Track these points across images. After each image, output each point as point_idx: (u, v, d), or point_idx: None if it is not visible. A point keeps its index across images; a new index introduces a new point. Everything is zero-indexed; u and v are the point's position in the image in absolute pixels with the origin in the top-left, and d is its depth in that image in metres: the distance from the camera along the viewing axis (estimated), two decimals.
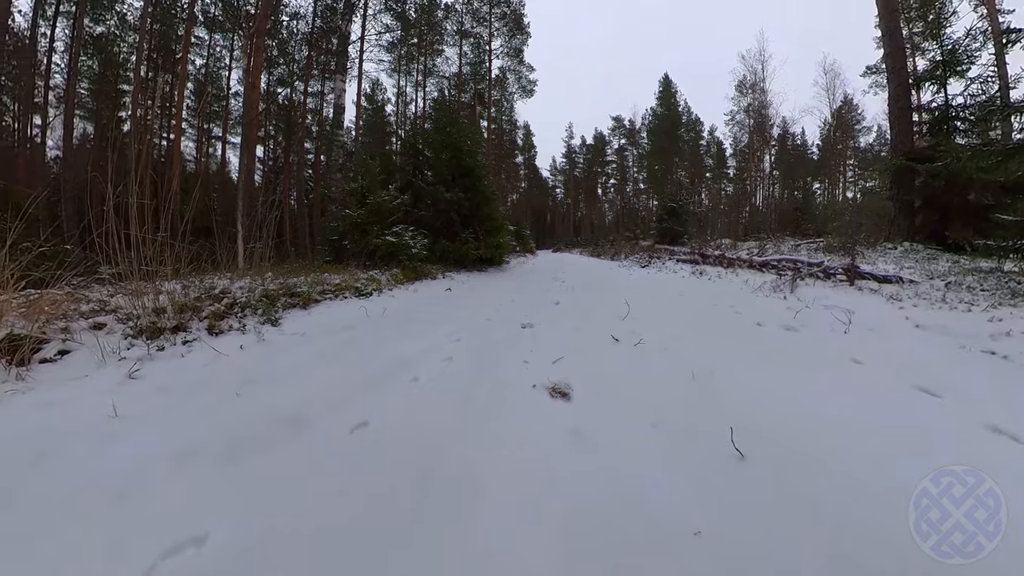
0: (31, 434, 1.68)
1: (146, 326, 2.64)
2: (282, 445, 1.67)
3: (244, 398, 2.08)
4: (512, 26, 21.85)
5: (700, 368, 2.45)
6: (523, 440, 1.72)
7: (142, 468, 1.49)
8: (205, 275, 3.89)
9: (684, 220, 20.01)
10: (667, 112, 37.43)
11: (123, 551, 1.12)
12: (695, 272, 8.92)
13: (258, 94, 12.03)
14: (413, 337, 3.35)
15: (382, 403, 2.06)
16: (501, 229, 10.82)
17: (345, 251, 7.44)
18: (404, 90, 22.48)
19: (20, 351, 2.09)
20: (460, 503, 1.34)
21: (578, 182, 50.42)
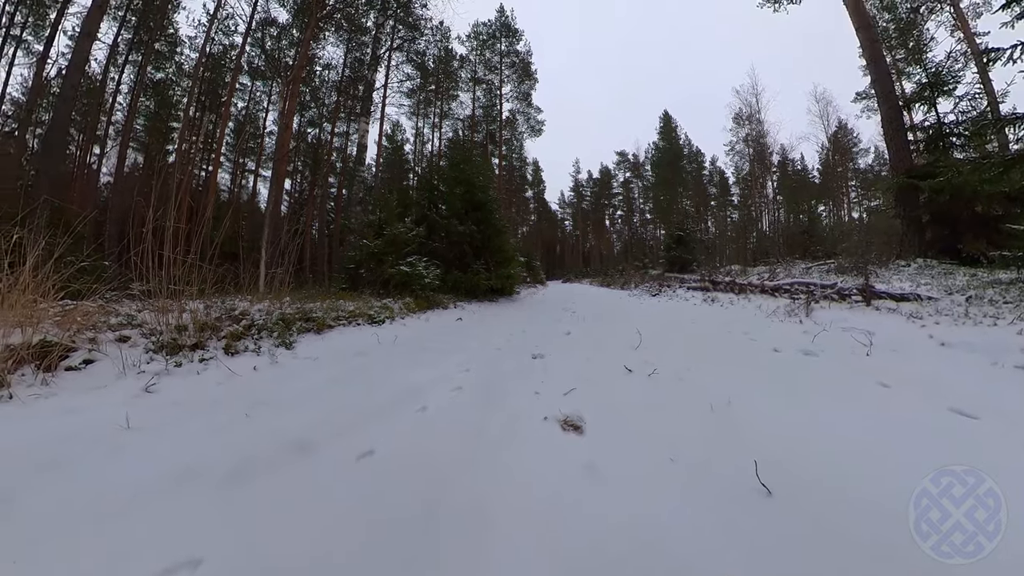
0: (46, 440, 1.69)
1: (167, 342, 2.70)
2: (287, 469, 1.62)
3: (253, 419, 2.07)
4: (521, 73, 23.15)
5: (717, 398, 2.34)
6: (534, 475, 1.63)
7: (146, 483, 1.47)
8: (227, 297, 4.00)
9: (692, 248, 19.83)
10: (668, 145, 38.48)
11: (120, 566, 1.09)
12: (706, 299, 8.68)
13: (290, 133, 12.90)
14: (423, 366, 3.30)
15: (390, 432, 2.00)
16: (512, 260, 10.93)
17: (361, 279, 7.56)
18: (422, 131, 23.70)
19: (49, 357, 2.14)
20: (467, 542, 1.25)
21: (586, 214, 51.31)
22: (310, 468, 1.64)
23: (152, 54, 15.22)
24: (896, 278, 7.14)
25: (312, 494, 1.47)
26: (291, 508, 1.38)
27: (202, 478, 1.52)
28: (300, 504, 1.41)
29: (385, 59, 17.55)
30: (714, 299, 8.49)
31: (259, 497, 1.44)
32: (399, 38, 17.62)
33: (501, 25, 22.75)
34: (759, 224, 31.47)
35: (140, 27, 14.83)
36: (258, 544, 1.21)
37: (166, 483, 1.48)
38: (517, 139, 25.55)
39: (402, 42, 17.86)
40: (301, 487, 1.51)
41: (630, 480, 1.58)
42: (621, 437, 1.96)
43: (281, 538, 1.23)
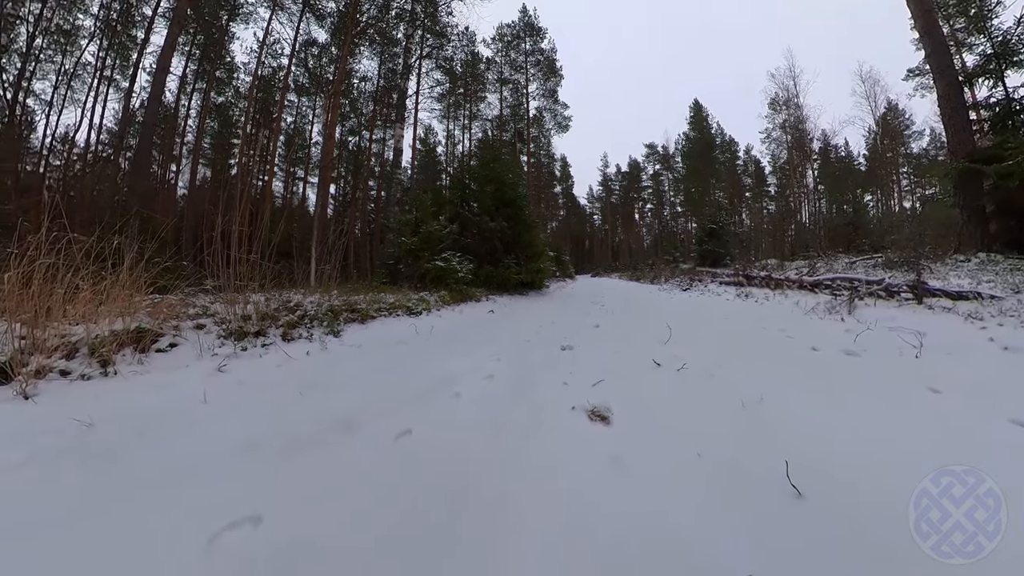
0: (142, 410, 1.94)
1: (235, 329, 2.97)
2: (334, 444, 1.73)
3: (306, 399, 2.22)
4: (546, 70, 22.81)
5: (749, 395, 2.19)
6: (560, 464, 1.62)
7: (218, 450, 1.64)
8: (284, 290, 4.31)
9: (725, 241, 18.59)
10: (700, 135, 35.86)
11: (196, 517, 1.24)
12: (740, 294, 8.19)
13: (333, 143, 13.60)
14: (457, 355, 3.34)
15: (425, 415, 2.06)
16: (541, 255, 10.90)
17: (400, 274, 7.85)
18: (452, 133, 24.05)
19: (143, 341, 2.43)
20: (492, 524, 1.27)
21: (615, 208, 49.88)
22: (354, 444, 1.74)
23: (214, 81, 16.62)
24: (953, 274, 6.43)
25: (355, 467, 1.57)
26: (337, 478, 1.49)
27: (263, 448, 1.66)
28: (345, 475, 1.51)
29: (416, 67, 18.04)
30: (748, 294, 7.98)
31: (310, 467, 1.56)
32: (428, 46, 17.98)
33: (525, 25, 22.50)
34: (798, 216, 28.68)
35: (203, 59, 16.17)
36: (308, 507, 1.32)
37: (234, 451, 1.64)
38: (545, 136, 25.24)
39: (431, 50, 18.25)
40: (346, 460, 1.61)
41: (656, 474, 1.53)
42: (648, 430, 1.89)
43: (328, 504, 1.34)
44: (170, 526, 1.21)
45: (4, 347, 2.07)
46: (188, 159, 17.50)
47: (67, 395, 2.01)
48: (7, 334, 2.14)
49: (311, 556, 1.12)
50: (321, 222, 10.52)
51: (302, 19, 15.33)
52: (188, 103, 16.98)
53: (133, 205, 6.99)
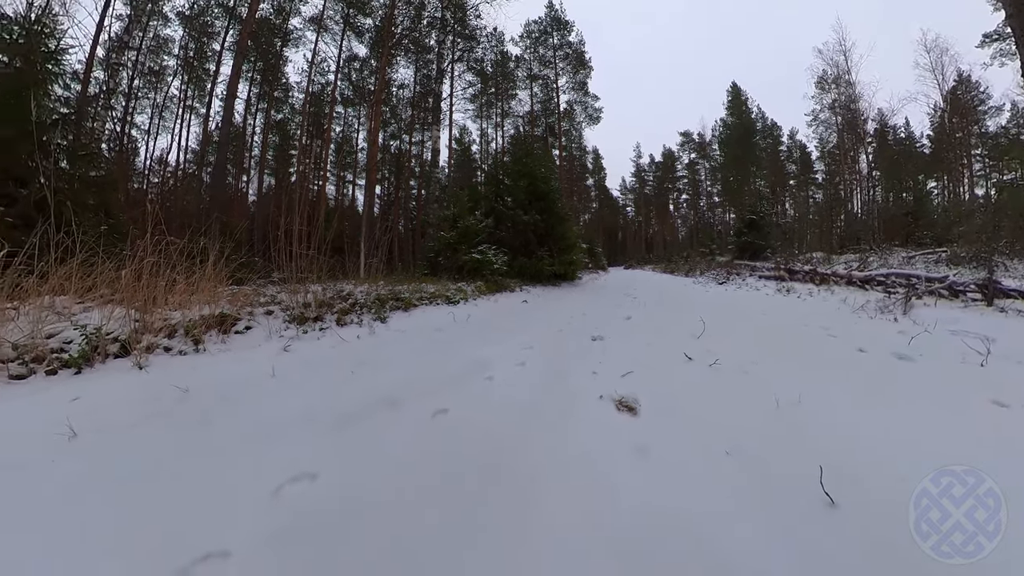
0: (225, 381, 2.20)
1: (297, 315, 3.26)
2: (380, 417, 1.87)
3: (357, 377, 2.40)
4: (575, 63, 22.11)
5: (785, 395, 2.03)
6: (585, 449, 1.61)
7: (283, 417, 1.83)
8: (337, 281, 4.63)
9: (766, 233, 17.14)
10: (738, 121, 32.67)
11: (264, 470, 1.42)
12: (781, 289, 7.50)
13: (376, 148, 14.30)
14: (491, 342, 3.38)
15: (461, 396, 2.12)
16: (574, 247, 10.78)
17: (439, 266, 8.10)
18: (486, 131, 24.07)
19: (224, 324, 2.76)
20: (517, 502, 1.30)
21: (648, 199, 47.65)
22: (397, 418, 1.86)
23: (273, 101, 18.06)
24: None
25: (398, 438, 1.69)
26: (382, 447, 1.62)
27: (320, 417, 1.84)
28: (388, 445, 1.63)
29: (449, 71, 18.47)
30: (790, 289, 7.29)
31: (359, 436, 1.70)
32: (459, 50, 18.36)
33: (552, 20, 21.87)
34: (849, 205, 25.32)
35: (263, 82, 17.61)
36: (356, 470, 1.46)
37: (296, 419, 1.82)
38: (576, 129, 24.62)
39: (462, 53, 18.60)
40: (390, 432, 1.74)
41: (680, 468, 1.47)
42: (675, 423, 1.82)
43: (374, 467, 1.48)
44: (244, 476, 1.40)
45: (123, 328, 2.43)
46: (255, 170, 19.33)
47: (169, 366, 2.32)
48: (125, 318, 2.50)
49: (357, 510, 1.25)
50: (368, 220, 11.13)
51: (344, 37, 16.31)
52: (253, 122, 18.61)
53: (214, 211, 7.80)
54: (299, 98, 18.47)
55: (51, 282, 2.52)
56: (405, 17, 15.16)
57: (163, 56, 15.76)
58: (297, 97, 18.70)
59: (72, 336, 2.25)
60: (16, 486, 1.33)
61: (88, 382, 2.05)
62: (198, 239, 3.25)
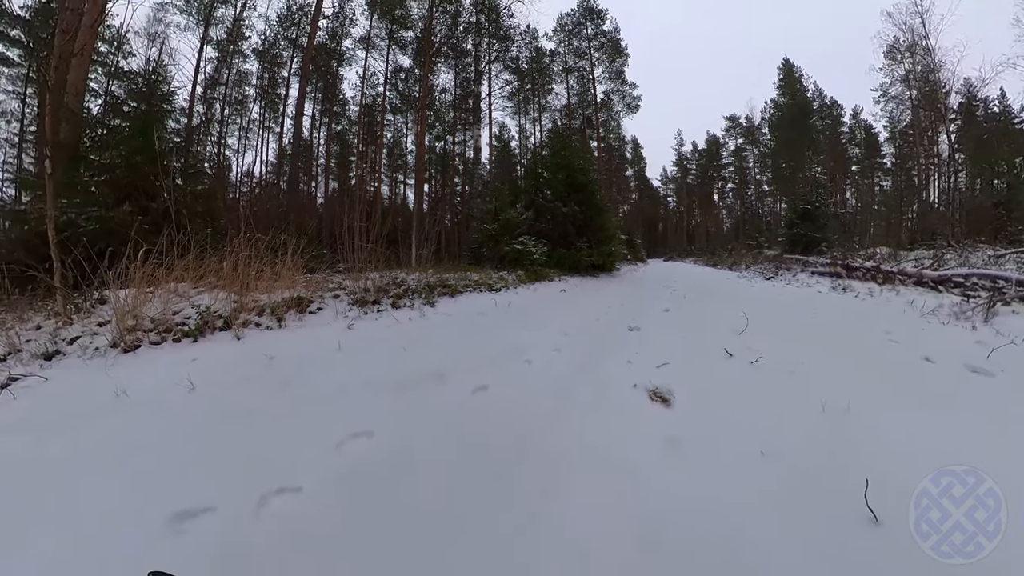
0: (301, 352, 2.48)
1: (359, 298, 3.56)
2: (428, 389, 2.02)
3: (409, 353, 2.59)
4: (611, 52, 20.94)
5: (833, 401, 1.81)
6: (615, 435, 1.58)
7: (346, 383, 2.04)
8: (392, 270, 4.94)
9: (822, 225, 14.77)
10: (791, 101, 28.19)
11: (331, 428, 1.61)
12: (836, 287, 6.54)
13: (423, 150, 14.98)
14: (530, 328, 3.39)
15: (500, 375, 2.19)
16: (613, 238, 10.47)
17: (482, 256, 8.29)
18: (524, 127, 23.76)
19: (301, 305, 3.09)
20: (546, 477, 1.33)
21: (691, 189, 43.79)
22: (442, 391, 2.00)
23: (333, 115, 19.52)
24: None
25: (443, 408, 1.83)
26: (428, 415, 1.76)
27: (377, 386, 2.03)
28: (434, 413, 1.77)
29: (486, 72, 18.69)
30: (847, 288, 6.33)
31: (410, 403, 1.86)
32: (494, 51, 18.44)
33: (584, 10, 20.71)
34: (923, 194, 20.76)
35: (324, 99, 19.03)
36: (407, 431, 1.61)
37: (357, 386, 2.02)
38: (614, 119, 23.40)
39: (497, 53, 18.66)
40: (436, 402, 1.88)
41: (710, 463, 1.40)
42: (709, 418, 1.72)
43: (422, 431, 1.62)
44: (314, 430, 1.60)
45: (226, 307, 2.81)
46: (322, 176, 20.94)
47: (259, 338, 2.66)
48: (227, 299, 2.90)
49: (405, 465, 1.39)
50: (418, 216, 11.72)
51: (389, 51, 17.19)
52: (318, 135, 20.28)
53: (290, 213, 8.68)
54: (354, 110, 19.81)
55: (174, 272, 3.02)
56: (442, 25, 15.66)
57: (245, 87, 18.06)
58: (353, 110, 20.06)
59: (190, 313, 2.67)
60: (160, 419, 1.69)
61: (202, 348, 2.42)
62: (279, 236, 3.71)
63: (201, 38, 15.15)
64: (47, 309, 2.69)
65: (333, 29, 17.13)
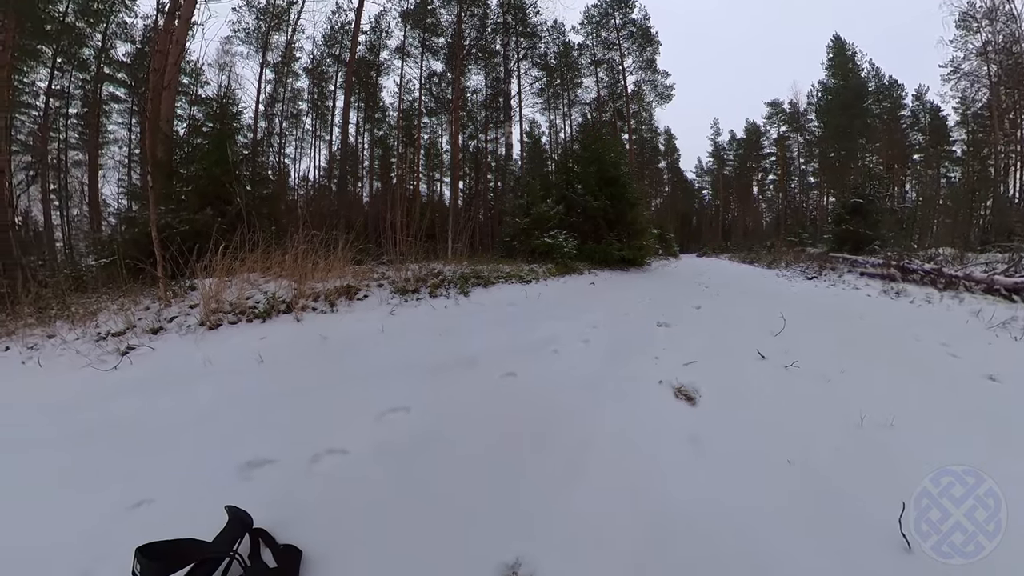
0: (350, 334, 2.65)
1: (400, 287, 3.73)
2: (460, 373, 2.09)
3: (444, 338, 2.68)
4: (641, 41, 19.72)
5: (874, 414, 1.63)
6: (637, 428, 1.55)
7: (388, 363, 2.16)
8: (430, 261, 5.12)
9: (875, 221, 12.76)
10: (842, 83, 24.21)
11: (373, 401, 1.72)
12: (887, 291, 5.72)
13: (458, 149, 15.44)
14: (559, 319, 3.36)
15: (528, 363, 2.21)
16: (644, 232, 10.06)
17: (514, 249, 8.31)
18: (554, 122, 23.24)
19: (350, 293, 3.30)
20: (566, 460, 1.34)
21: (728, 181, 39.95)
22: (474, 375, 2.07)
23: (374, 121, 20.48)
24: None
25: (473, 390, 1.89)
26: (459, 396, 1.83)
27: (415, 367, 2.13)
28: (464, 395, 1.84)
29: (515, 70, 18.54)
30: (900, 292, 5.53)
31: (443, 384, 1.94)
32: (522, 49, 18.19)
33: (611, 1, 19.57)
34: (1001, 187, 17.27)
35: (366, 108, 19.96)
36: (440, 409, 1.69)
37: (397, 366, 2.14)
38: (646, 110, 22.22)
39: (526, 51, 18.37)
40: (467, 385, 1.95)
41: (732, 466, 1.32)
42: (735, 421, 1.62)
43: (453, 410, 1.69)
44: (358, 404, 1.72)
45: (288, 293, 3.08)
46: (366, 177, 21.93)
47: (315, 321, 2.88)
48: (288, 287, 3.17)
49: (436, 438, 1.48)
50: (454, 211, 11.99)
51: (422, 58, 17.60)
52: (362, 140, 21.33)
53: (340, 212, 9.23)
54: (393, 116, 20.59)
55: (247, 264, 3.35)
56: (471, 29, 15.78)
57: (298, 102, 19.76)
58: (392, 115, 20.87)
59: (259, 298, 2.94)
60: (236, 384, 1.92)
61: (269, 328, 2.67)
62: (331, 232, 3.97)
63: (260, 63, 16.81)
64: (152, 294, 3.10)
65: (371, 43, 18.01)
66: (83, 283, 3.68)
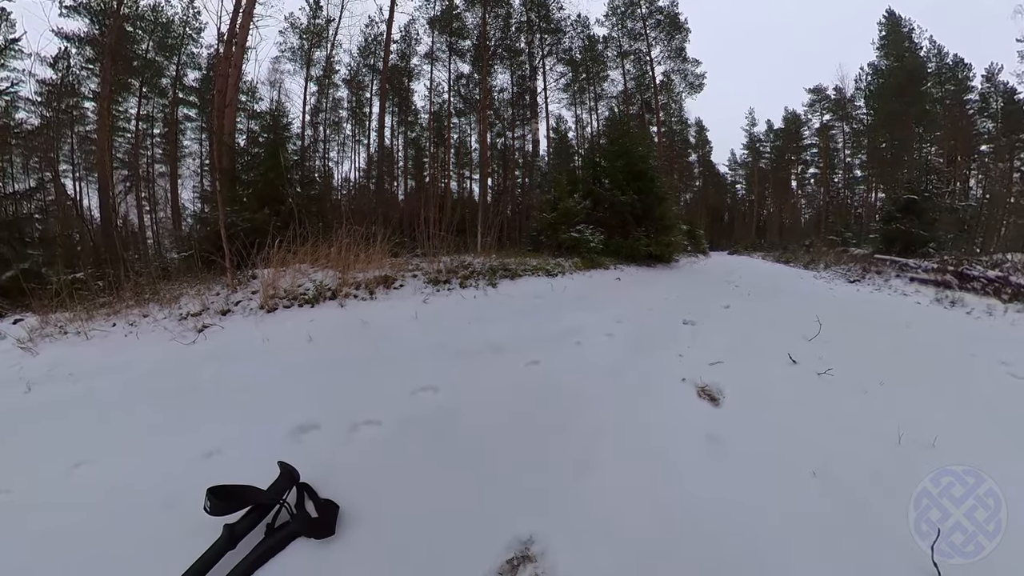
0: (386, 319, 2.77)
1: (432, 278, 3.84)
2: (486, 358, 2.14)
3: (473, 325, 2.74)
4: (669, 29, 18.44)
5: (914, 432, 1.47)
6: (655, 424, 1.52)
7: (420, 347, 2.25)
8: (460, 254, 5.22)
9: (931, 220, 11.10)
10: (897, 64, 20.68)
11: (406, 380, 1.79)
12: (941, 299, 5.06)
13: (486, 147, 15.65)
14: (583, 311, 3.32)
15: (551, 353, 2.21)
16: (673, 228, 9.58)
17: (541, 243, 8.26)
18: (580, 117, 22.54)
19: (387, 282, 3.45)
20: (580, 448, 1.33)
21: (764, 175, 36.27)
22: (499, 361, 2.11)
23: (407, 124, 21.24)
24: None
25: (498, 375, 1.93)
26: (485, 380, 1.87)
27: (445, 351, 2.19)
28: (489, 379, 1.88)
29: (540, 67, 18.21)
30: (956, 301, 4.84)
31: (471, 368, 1.99)
32: (547, 45, 17.78)
33: None
34: None
35: (399, 111, 20.75)
36: (466, 390, 1.74)
37: (429, 349, 2.21)
38: (675, 101, 20.83)
39: (550, 48, 17.92)
40: (493, 369, 1.99)
41: (751, 471, 1.23)
42: (759, 425, 1.52)
43: (479, 392, 1.74)
44: (392, 381, 1.80)
45: (333, 282, 3.28)
46: (401, 177, 22.76)
47: (356, 307, 3.03)
48: (334, 276, 3.37)
49: (461, 418, 1.53)
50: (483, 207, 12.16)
51: (450, 61, 17.79)
52: (396, 142, 22.21)
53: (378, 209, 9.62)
54: (424, 118, 21.11)
55: (298, 256, 3.61)
56: (495, 29, 15.80)
57: (339, 111, 21.09)
58: (423, 117, 21.40)
59: (309, 286, 3.15)
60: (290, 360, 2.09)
61: (317, 312, 2.86)
62: (370, 227, 4.20)
63: (305, 78, 18.17)
64: (222, 282, 3.43)
65: (402, 51, 18.67)
66: (168, 272, 4.19)
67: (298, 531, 0.94)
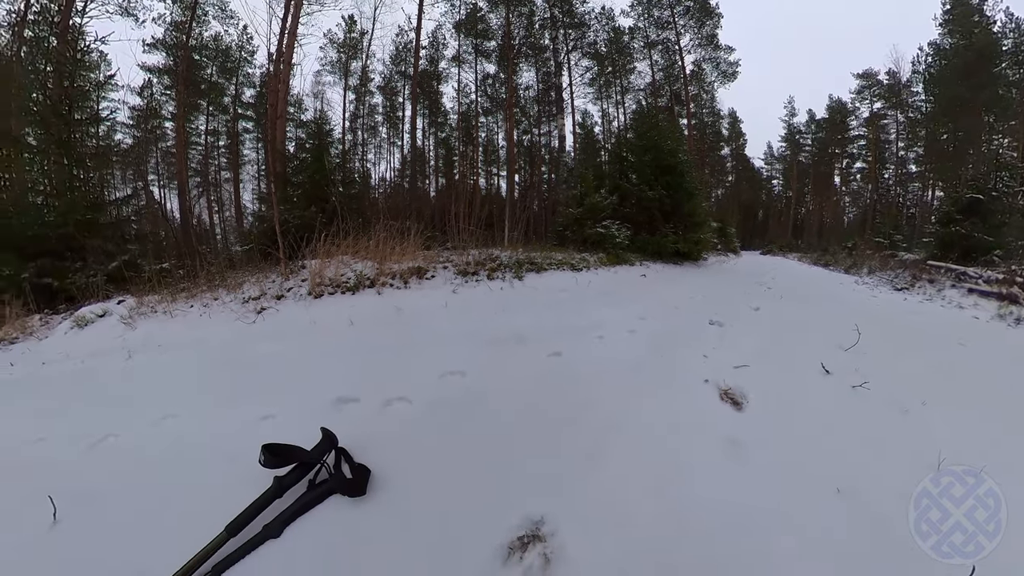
0: (419, 306, 2.87)
1: (462, 270, 3.92)
2: (511, 347, 2.15)
3: (499, 315, 2.76)
4: (699, 15, 16.83)
5: (957, 459, 1.27)
6: (673, 424, 1.42)
7: (449, 333, 2.30)
8: (488, 248, 5.28)
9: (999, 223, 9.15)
10: (964, 41, 16.86)
11: (435, 363, 1.84)
12: (1005, 316, 4.11)
13: (513, 144, 15.59)
14: (607, 307, 3.23)
15: (573, 346, 2.16)
16: (702, 225, 9.01)
17: (566, 238, 8.12)
18: (607, 112, 21.59)
19: (420, 272, 3.57)
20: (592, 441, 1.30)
21: (803, 169, 31.94)
22: (523, 351, 2.12)
23: (437, 125, 21.68)
24: None
25: (521, 363, 1.94)
26: (508, 367, 1.90)
27: (472, 339, 2.22)
28: (513, 367, 1.90)
29: (565, 62, 17.60)
30: (1021, 319, 3.98)
31: (496, 355, 2.02)
32: (571, 40, 17.12)
33: None
34: None
35: (430, 113, 21.19)
36: (491, 375, 1.77)
37: (457, 336, 2.26)
38: (707, 91, 19.15)
39: (575, 42, 17.20)
40: (516, 358, 2.02)
41: (770, 481, 1.13)
42: (782, 434, 1.39)
43: (502, 377, 1.77)
44: (423, 364, 1.86)
45: (371, 272, 3.45)
46: (432, 175, 23.38)
47: (392, 295, 3.17)
48: (372, 267, 3.54)
49: (484, 402, 1.55)
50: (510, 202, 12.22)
51: (476, 62, 17.68)
52: (428, 143, 22.79)
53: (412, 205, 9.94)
54: (453, 119, 21.38)
55: (341, 248, 3.85)
56: (519, 28, 15.40)
57: (375, 116, 22.11)
58: (452, 118, 21.70)
59: (350, 275, 3.33)
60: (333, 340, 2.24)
61: (357, 299, 3.02)
62: (404, 223, 4.40)
63: (343, 87, 19.33)
64: (277, 271, 3.73)
65: (431, 56, 19.06)
66: (233, 263, 4.66)
67: (334, 488, 1.03)
